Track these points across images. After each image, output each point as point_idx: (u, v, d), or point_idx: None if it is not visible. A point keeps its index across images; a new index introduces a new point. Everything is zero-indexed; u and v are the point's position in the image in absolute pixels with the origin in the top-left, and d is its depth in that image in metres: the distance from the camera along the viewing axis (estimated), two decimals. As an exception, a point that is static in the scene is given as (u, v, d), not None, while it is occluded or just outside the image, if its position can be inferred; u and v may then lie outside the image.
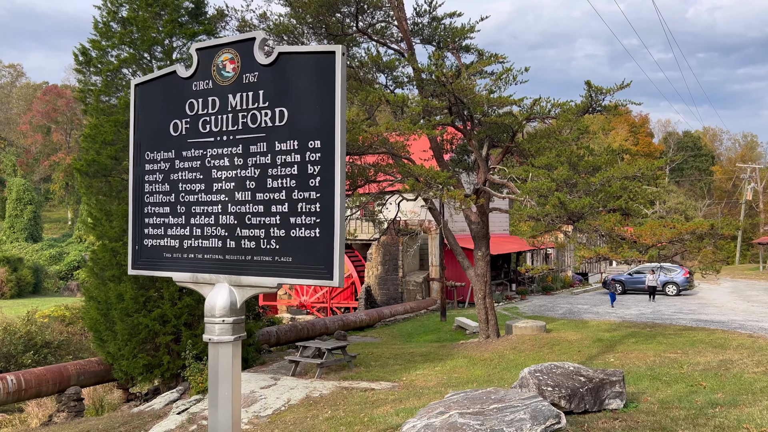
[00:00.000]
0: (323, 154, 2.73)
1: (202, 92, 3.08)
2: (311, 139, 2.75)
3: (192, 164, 3.14)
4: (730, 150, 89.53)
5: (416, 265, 30.95)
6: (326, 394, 10.52)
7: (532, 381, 7.15)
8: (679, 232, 10.78)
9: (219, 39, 3.09)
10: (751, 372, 9.76)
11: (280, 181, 2.84)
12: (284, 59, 2.84)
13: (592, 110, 14.82)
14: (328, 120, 2.71)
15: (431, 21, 17.17)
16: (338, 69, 2.72)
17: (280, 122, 2.84)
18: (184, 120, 3.17)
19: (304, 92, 2.77)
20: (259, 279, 2.87)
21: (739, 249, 62.87)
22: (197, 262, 3.08)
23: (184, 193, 3.17)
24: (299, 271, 2.77)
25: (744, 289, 32.80)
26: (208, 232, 3.05)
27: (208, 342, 2.91)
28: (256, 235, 2.90)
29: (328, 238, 2.67)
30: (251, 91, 2.92)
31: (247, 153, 2.94)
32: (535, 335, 15.82)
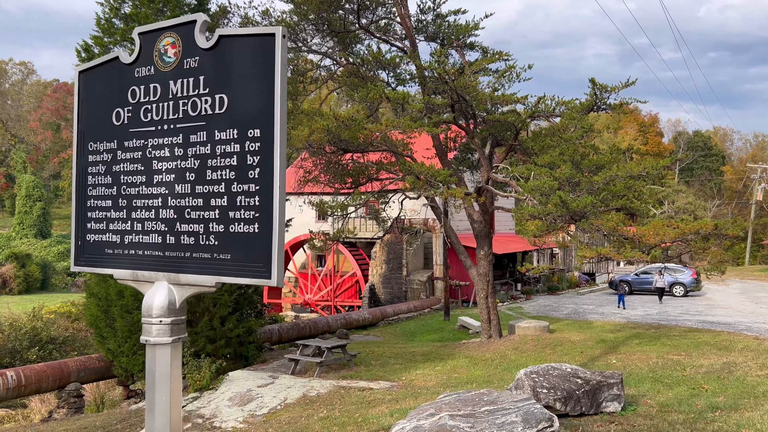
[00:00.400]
0: (263, 144, 2.58)
1: (144, 79, 2.96)
2: (251, 127, 2.61)
3: (133, 155, 3.02)
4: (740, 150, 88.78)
5: (420, 263, 30.83)
6: (323, 394, 10.44)
7: (528, 383, 7.03)
8: (683, 232, 10.60)
9: (161, 22, 2.97)
10: (755, 375, 9.59)
11: (219, 173, 2.72)
12: (225, 42, 2.69)
13: (597, 108, 14.64)
14: (267, 107, 2.56)
15: (435, 18, 17.04)
16: (278, 52, 2.56)
17: (220, 110, 2.71)
18: (126, 108, 3.04)
19: (244, 78, 2.63)
20: (197, 277, 2.74)
21: (749, 250, 62.23)
22: (137, 258, 2.96)
23: (126, 185, 3.05)
24: (238, 269, 2.64)
25: (753, 290, 32.42)
26: (149, 227, 2.94)
27: (146, 343, 2.79)
28: (196, 230, 2.78)
29: (266, 235, 2.54)
30: (192, 77, 2.79)
31: (187, 143, 2.82)
32: (537, 335, 15.67)
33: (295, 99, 16.54)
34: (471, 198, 13.16)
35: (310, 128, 11.74)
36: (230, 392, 10.70)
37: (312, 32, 16.18)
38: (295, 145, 13.46)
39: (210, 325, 13.97)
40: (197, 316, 14.26)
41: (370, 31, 16.14)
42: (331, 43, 16.83)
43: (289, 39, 16.18)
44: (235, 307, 15.00)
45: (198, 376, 11.48)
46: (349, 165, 15.45)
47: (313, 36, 16.46)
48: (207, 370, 11.63)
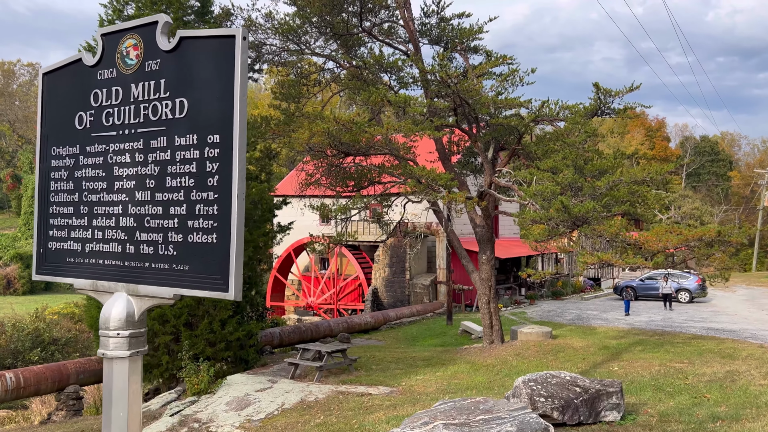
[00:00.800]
0: (222, 150, 2.54)
1: (106, 81, 2.92)
2: (210, 133, 2.57)
3: (95, 161, 2.97)
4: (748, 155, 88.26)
5: (424, 267, 30.72)
6: (321, 399, 10.35)
7: (525, 391, 6.92)
8: (686, 239, 10.47)
9: (124, 23, 2.91)
10: (758, 384, 9.44)
11: (179, 180, 2.66)
12: (186, 44, 2.65)
13: (601, 113, 14.54)
14: (227, 112, 2.51)
15: (439, 21, 16.99)
16: (238, 55, 2.50)
17: (180, 114, 2.67)
18: (88, 112, 2.99)
19: (204, 81, 2.59)
20: (156, 289, 2.68)
21: (756, 256, 61.78)
22: (98, 268, 2.91)
23: (87, 192, 3.00)
24: (196, 281, 2.57)
25: (759, 297, 32.14)
26: (109, 236, 2.89)
27: (103, 357, 2.72)
28: (155, 239, 2.72)
29: (224, 245, 2.48)
30: (153, 80, 2.75)
31: (147, 148, 2.77)
32: (540, 341, 15.54)
33: (298, 102, 16.51)
34: (473, 202, 13.07)
35: (311, 131, 11.68)
36: (228, 396, 10.63)
37: (315, 35, 16.15)
38: (297, 148, 13.42)
39: (210, 328, 13.92)
40: (197, 318, 14.21)
41: (373, 34, 16.10)
42: (334, 45, 16.80)
43: (292, 41, 16.16)
44: (235, 310, 14.94)
45: (196, 380, 11.42)
46: (351, 168, 15.39)
47: (316, 39, 16.43)
48: (205, 373, 11.57)
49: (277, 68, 17.95)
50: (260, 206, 15.83)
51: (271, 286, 32.21)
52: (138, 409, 2.46)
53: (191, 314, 14.01)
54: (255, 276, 16.32)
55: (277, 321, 23.61)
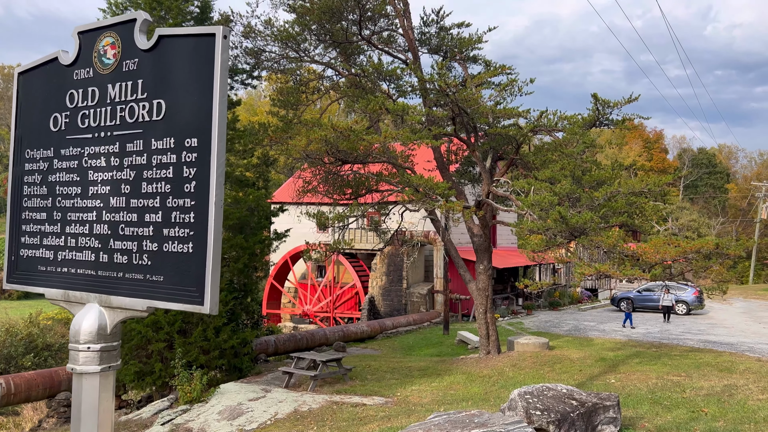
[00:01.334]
0: (199, 155, 2.43)
1: (82, 82, 2.81)
2: (188, 136, 2.46)
3: (69, 164, 2.86)
4: (745, 168, 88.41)
5: (421, 276, 30.61)
6: (315, 409, 10.23)
7: (521, 404, 6.83)
8: (684, 251, 10.41)
9: (101, 21, 2.81)
10: (756, 399, 9.36)
11: (155, 186, 2.55)
12: (165, 43, 2.55)
13: (600, 124, 14.51)
14: (205, 115, 2.40)
15: (438, 31, 16.99)
16: (218, 55, 2.39)
17: (157, 116, 2.56)
18: (64, 114, 2.88)
19: (183, 82, 2.49)
20: (129, 300, 2.56)
21: (753, 268, 61.76)
22: (70, 277, 2.80)
23: (61, 197, 2.89)
24: (170, 292, 2.45)
25: (756, 309, 32.05)
26: (82, 243, 2.77)
27: (72, 372, 2.60)
28: (129, 248, 2.61)
29: (200, 256, 2.36)
30: (131, 81, 2.64)
31: (123, 152, 2.67)
32: (536, 352, 15.43)
33: (297, 109, 16.47)
34: (470, 211, 13.01)
35: (308, 138, 11.63)
36: (220, 405, 10.51)
37: (314, 42, 16.14)
38: (294, 156, 13.36)
39: (204, 336, 13.81)
40: (191, 326, 14.11)
41: (372, 42, 16.09)
42: (334, 53, 16.79)
43: (291, 49, 16.14)
44: (230, 317, 14.85)
45: (189, 388, 11.29)
46: (348, 176, 15.33)
47: (316, 46, 16.41)
48: (198, 382, 11.45)
49: (276, 75, 17.92)
50: (257, 213, 15.77)
51: (268, 293, 32.06)
52: (109, 428, 2.35)
53: (185, 321, 13.91)
54: (251, 283, 16.23)
55: (273, 329, 23.47)
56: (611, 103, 13.73)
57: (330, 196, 15.68)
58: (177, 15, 14.67)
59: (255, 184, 16.74)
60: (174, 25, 14.57)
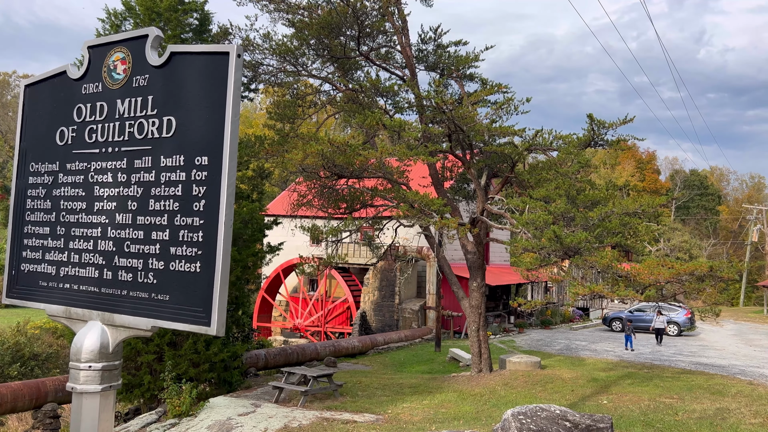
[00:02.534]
0: (210, 174, 2.38)
1: (91, 96, 2.76)
2: (198, 154, 2.41)
3: (75, 179, 2.79)
4: (737, 190, 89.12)
5: (413, 292, 30.52)
6: (305, 425, 10.11)
7: (515, 424, 6.76)
8: (678, 273, 10.43)
9: (112, 36, 2.77)
10: (748, 423, 9.33)
11: (163, 203, 2.50)
12: (177, 60, 2.50)
13: (595, 144, 14.59)
14: (217, 133, 2.36)
15: (436, 48, 17.12)
16: (231, 73, 2.34)
17: (167, 133, 2.52)
18: (71, 128, 2.83)
19: (195, 99, 2.44)
20: (132, 319, 2.49)
21: (743, 291, 62.02)
22: (72, 294, 2.71)
23: (65, 212, 2.81)
24: (176, 312, 2.40)
25: (747, 332, 32.13)
26: (86, 260, 2.70)
27: (72, 391, 2.54)
28: (134, 266, 2.55)
29: (208, 275, 2.33)
30: (140, 97, 2.60)
31: (131, 168, 2.61)
32: (528, 371, 15.37)
33: (293, 122, 16.49)
34: (465, 228, 13.01)
35: (305, 152, 11.63)
36: (209, 420, 10.37)
37: (312, 57, 16.22)
38: (290, 169, 13.35)
39: (194, 348, 13.67)
40: (181, 338, 13.97)
41: (370, 58, 16.18)
42: (331, 68, 16.86)
43: (289, 63, 16.20)
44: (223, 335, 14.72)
45: (177, 402, 11.13)
46: (343, 190, 15.33)
47: (314, 61, 16.49)
48: (187, 395, 11.29)
49: (273, 88, 17.97)
50: (250, 225, 15.71)
51: (259, 306, 31.86)
52: (109, 453, 2.29)
53: (175, 333, 13.77)
54: (242, 296, 16.12)
55: (263, 342, 23.29)
56: (606, 123, 13.82)
57: (324, 210, 15.66)
58: (176, 27, 14.70)
59: (249, 197, 16.69)
60: (173, 36, 14.60)
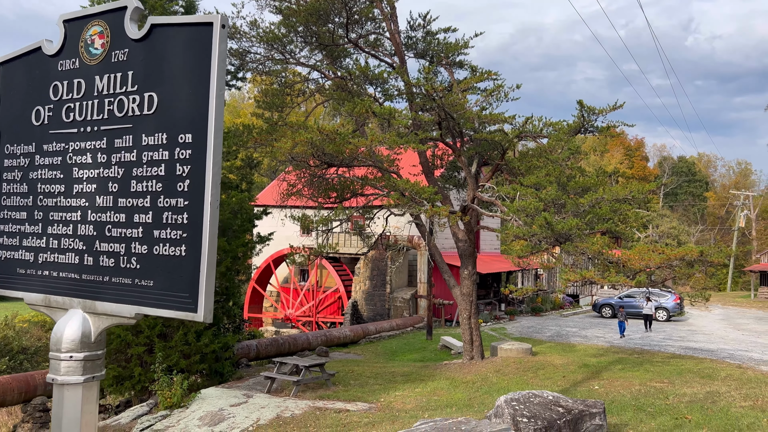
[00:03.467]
0: (194, 152, 2.27)
1: (67, 73, 2.64)
2: (182, 132, 2.30)
3: (52, 161, 2.67)
4: (724, 177, 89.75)
5: (405, 281, 30.54)
6: (298, 415, 10.09)
7: (508, 410, 6.77)
8: (668, 258, 10.47)
9: (88, 9, 2.63)
10: (738, 406, 9.41)
11: (145, 184, 2.39)
12: (158, 33, 2.39)
13: (585, 130, 14.57)
14: (201, 109, 2.25)
15: (425, 35, 16.99)
16: (215, 45, 2.24)
17: (148, 110, 2.40)
18: (47, 107, 2.70)
19: (177, 74, 2.34)
20: (115, 306, 2.41)
21: (731, 276, 62.67)
22: (51, 281, 2.62)
23: (43, 195, 2.70)
24: (161, 298, 2.32)
25: (735, 316, 32.48)
26: (66, 245, 2.60)
27: (52, 383, 2.45)
28: (116, 250, 2.44)
29: (194, 259, 2.22)
30: (120, 72, 2.48)
31: (111, 148, 2.49)
32: (520, 358, 15.43)
33: (282, 111, 16.33)
34: (455, 216, 12.98)
35: (294, 141, 11.52)
36: (201, 411, 10.32)
37: (300, 45, 16.04)
38: (279, 158, 13.22)
39: (185, 340, 13.59)
40: (172, 329, 13.88)
41: (359, 45, 16.03)
42: (320, 56, 16.70)
43: (277, 51, 16.02)
44: (211, 321, 14.64)
45: (168, 393, 11.07)
46: (333, 179, 15.24)
47: (302, 48, 16.32)
48: (178, 387, 11.23)
49: (261, 77, 17.78)
50: (240, 216, 15.59)
51: (249, 297, 31.76)
52: (92, 446, 2.20)
53: (165, 325, 13.68)
54: (233, 287, 16.02)
55: (255, 333, 23.22)
56: (596, 110, 13.80)
57: (314, 200, 15.57)
58: (161, 13, 14.48)
59: (238, 187, 16.56)
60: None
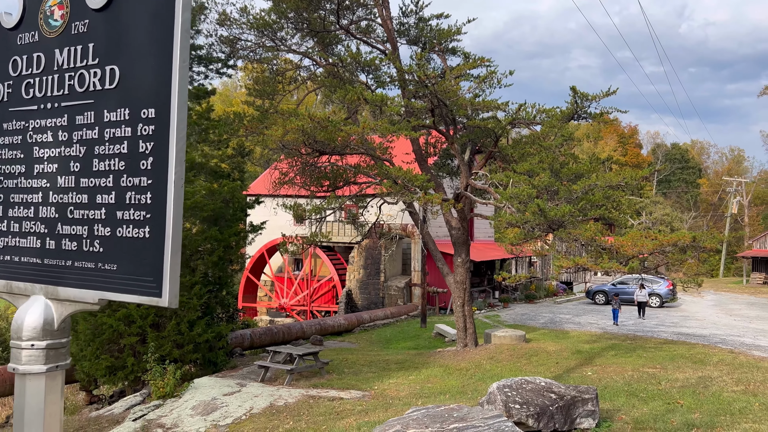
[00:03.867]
0: (157, 127, 2.16)
1: (27, 47, 2.51)
2: (144, 107, 2.19)
3: (12, 140, 2.55)
4: (717, 163, 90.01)
5: (399, 269, 30.55)
6: (291, 403, 10.07)
7: (500, 397, 6.76)
8: (661, 244, 10.47)
9: None
10: (730, 391, 9.45)
11: (108, 163, 2.28)
12: (119, 2, 2.28)
13: (578, 117, 14.53)
14: (164, 82, 2.15)
15: (417, 21, 16.85)
16: (179, 13, 2.14)
17: (110, 85, 2.28)
18: (6, 83, 2.58)
19: (139, 45, 2.22)
20: (78, 292, 2.29)
21: (723, 262, 63.05)
22: (13, 266, 2.50)
23: (2, 176, 2.58)
24: (125, 283, 2.19)
25: (727, 302, 32.69)
26: (26, 228, 2.49)
27: (14, 372, 2.39)
28: (79, 233, 2.33)
29: (158, 241, 2.11)
30: (80, 45, 2.36)
31: (72, 125, 2.38)
32: (513, 345, 15.47)
33: (273, 98, 16.19)
34: (449, 204, 12.93)
35: (285, 128, 11.41)
36: (194, 400, 10.29)
37: (291, 31, 15.88)
38: (269, 146, 13.11)
39: (177, 330, 13.52)
40: (165, 319, 13.81)
41: (350, 31, 15.88)
42: (311, 43, 16.54)
43: (268, 37, 15.85)
44: (204, 311, 14.57)
45: (161, 383, 11.03)
46: (326, 167, 15.14)
47: (293, 35, 16.15)
48: (171, 376, 11.20)
49: (252, 65, 17.62)
50: (232, 205, 15.48)
51: (244, 286, 31.71)
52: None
53: (158, 315, 13.60)
54: (226, 276, 15.94)
55: (249, 322, 23.19)
56: (589, 96, 13.75)
57: (307, 188, 15.48)
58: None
59: (230, 176, 16.44)
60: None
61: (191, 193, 14.11)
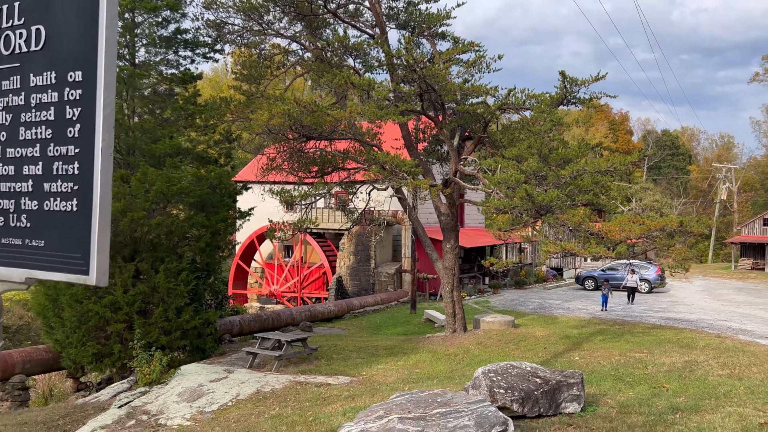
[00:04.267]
0: (84, 92, 2.04)
1: None
2: (71, 69, 2.07)
3: None
4: (707, 150, 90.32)
5: (389, 256, 30.52)
6: (278, 389, 10.04)
7: (485, 382, 6.74)
8: (648, 229, 10.46)
9: None
10: (716, 375, 9.50)
11: (34, 131, 2.15)
12: None
13: (567, 102, 14.45)
14: (91, 42, 2.02)
15: (407, 6, 16.67)
16: None
17: (36, 46, 2.16)
18: None
19: (65, 3, 2.09)
20: (5, 271, 2.19)
21: (712, 248, 63.51)
22: None
23: None
24: (52, 260, 2.08)
25: (715, 287, 32.94)
26: None
27: None
28: (5, 207, 2.22)
29: (86, 215, 1.99)
30: (6, 4, 2.23)
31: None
32: (502, 330, 15.50)
33: (260, 83, 16.01)
34: (437, 189, 12.86)
35: (270, 112, 11.27)
36: (180, 387, 10.23)
37: (278, 14, 15.66)
38: (255, 131, 12.97)
39: (165, 316, 13.45)
40: (152, 306, 13.72)
41: (338, 15, 15.68)
42: (299, 26, 16.33)
43: (255, 21, 15.63)
44: (192, 297, 14.49)
45: (148, 370, 10.97)
46: (314, 153, 15.01)
47: (280, 19, 15.94)
48: (158, 363, 11.13)
49: (241, 49, 17.39)
50: (219, 191, 15.35)
51: (234, 273, 31.60)
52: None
53: (145, 301, 13.52)
54: (214, 263, 15.85)
55: (238, 309, 23.12)
56: (579, 81, 13.66)
57: (295, 174, 15.35)
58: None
59: (217, 161, 16.29)
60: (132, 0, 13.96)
61: (178, 179, 13.97)
